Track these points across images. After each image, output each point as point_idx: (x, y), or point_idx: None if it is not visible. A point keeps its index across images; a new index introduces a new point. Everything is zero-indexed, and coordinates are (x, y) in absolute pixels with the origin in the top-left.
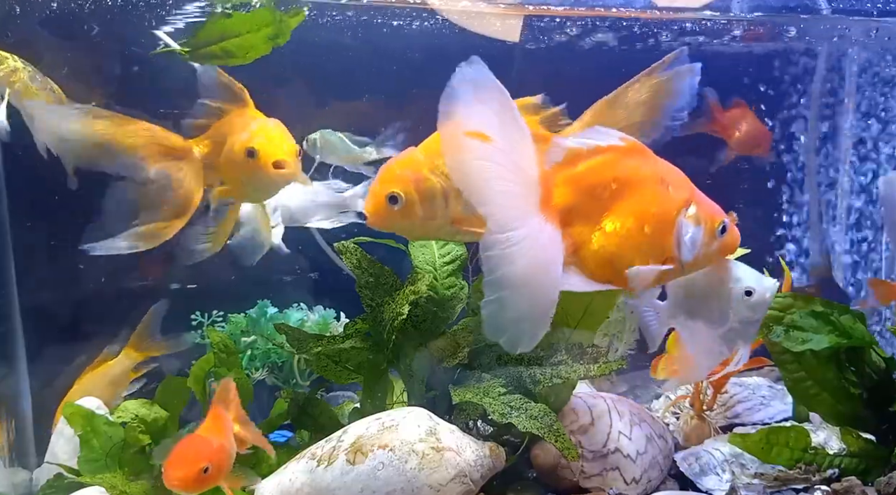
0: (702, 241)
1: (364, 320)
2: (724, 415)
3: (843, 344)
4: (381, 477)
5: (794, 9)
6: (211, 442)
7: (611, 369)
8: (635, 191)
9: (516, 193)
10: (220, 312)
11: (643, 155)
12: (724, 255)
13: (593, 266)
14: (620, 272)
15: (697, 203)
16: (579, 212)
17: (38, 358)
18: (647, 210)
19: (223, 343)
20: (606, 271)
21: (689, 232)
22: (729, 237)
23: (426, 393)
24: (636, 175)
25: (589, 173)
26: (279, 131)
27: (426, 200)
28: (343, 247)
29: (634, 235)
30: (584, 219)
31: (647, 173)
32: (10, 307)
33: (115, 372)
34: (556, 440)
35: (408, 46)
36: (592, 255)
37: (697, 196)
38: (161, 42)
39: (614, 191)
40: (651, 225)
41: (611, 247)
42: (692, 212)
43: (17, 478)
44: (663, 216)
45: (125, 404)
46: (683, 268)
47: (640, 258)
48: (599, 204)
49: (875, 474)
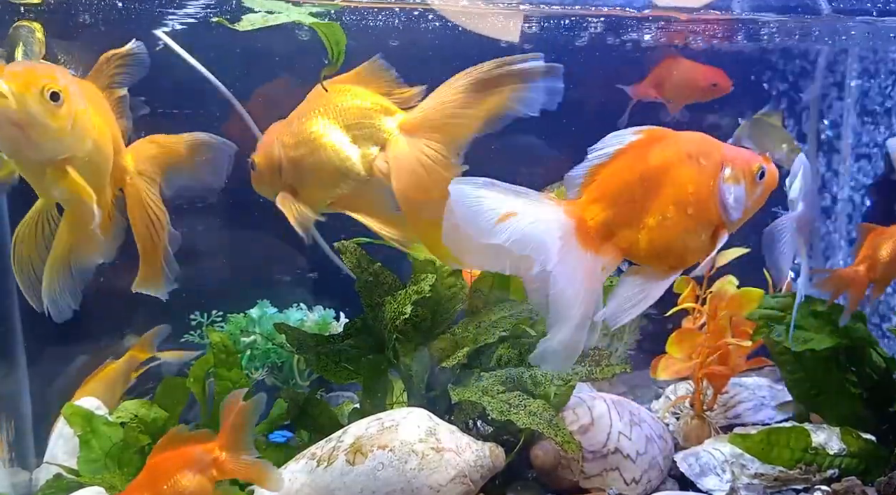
0: (745, 196)
1: (364, 320)
2: (724, 415)
3: (843, 344)
4: (380, 478)
5: (795, 9)
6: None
7: (613, 373)
8: (666, 179)
9: (548, 241)
10: (220, 312)
11: (661, 139)
12: (769, 192)
13: (650, 262)
14: (680, 258)
15: (730, 161)
16: (619, 219)
17: (38, 358)
18: (684, 193)
19: (223, 343)
20: (665, 263)
21: (731, 194)
22: (769, 177)
23: (426, 393)
24: (662, 163)
25: (612, 181)
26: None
27: (265, 168)
28: (343, 247)
29: (681, 220)
30: (626, 224)
31: (672, 156)
32: (10, 307)
33: (120, 371)
34: (556, 434)
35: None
36: (646, 254)
37: (728, 153)
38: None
39: (646, 187)
40: (693, 205)
41: (661, 241)
42: (728, 173)
43: (17, 478)
44: (702, 192)
45: (125, 404)
46: (735, 225)
47: (693, 238)
48: (636, 204)
49: (875, 474)
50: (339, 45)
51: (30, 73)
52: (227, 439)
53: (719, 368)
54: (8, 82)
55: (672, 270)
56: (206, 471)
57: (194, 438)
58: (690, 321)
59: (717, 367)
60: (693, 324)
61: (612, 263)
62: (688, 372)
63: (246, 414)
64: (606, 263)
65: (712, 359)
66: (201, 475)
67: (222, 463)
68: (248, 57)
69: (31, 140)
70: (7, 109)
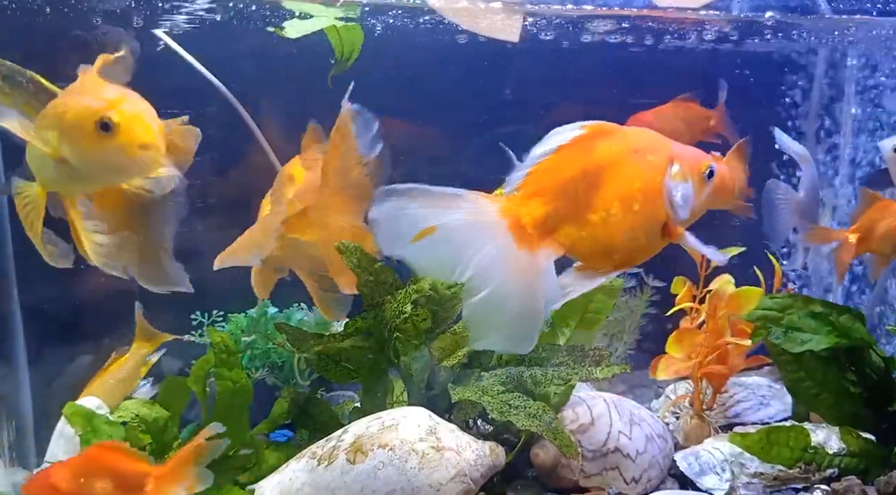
0: (693, 194)
1: (364, 319)
2: (724, 415)
3: (842, 344)
4: (381, 477)
5: (795, 9)
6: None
7: (613, 373)
8: (611, 174)
9: (478, 244)
10: (220, 312)
11: (607, 134)
12: (722, 196)
13: (594, 260)
14: (626, 256)
15: (678, 158)
16: (560, 215)
17: (38, 358)
18: (630, 189)
19: (223, 343)
20: (610, 261)
21: (678, 191)
22: (718, 178)
23: (426, 393)
24: (606, 157)
25: (552, 175)
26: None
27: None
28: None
29: (626, 217)
30: (568, 220)
31: (618, 151)
32: (10, 307)
33: (128, 366)
34: (555, 438)
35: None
36: (591, 251)
37: (676, 151)
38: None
39: (590, 182)
40: (639, 201)
41: (606, 238)
42: (676, 170)
43: (17, 478)
44: (648, 188)
45: (125, 403)
46: (683, 224)
47: (639, 236)
48: (578, 200)
49: (875, 474)
50: (353, 45)
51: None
52: (166, 471)
53: (718, 367)
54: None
55: (616, 269)
56: (127, 492)
57: (136, 457)
58: (688, 321)
59: (716, 367)
60: (691, 324)
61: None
62: (687, 371)
63: (198, 452)
64: (547, 260)
65: (711, 359)
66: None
67: (147, 492)
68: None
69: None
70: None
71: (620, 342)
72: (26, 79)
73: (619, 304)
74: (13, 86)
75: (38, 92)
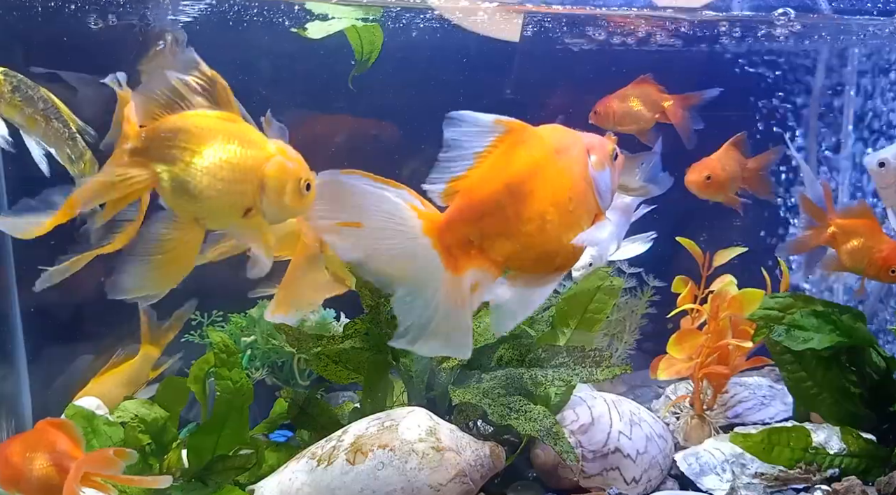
0: (611, 179)
1: (364, 320)
2: (724, 415)
3: (843, 343)
4: (381, 477)
5: (795, 9)
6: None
7: (613, 374)
8: (540, 181)
9: (402, 252)
10: (220, 312)
11: (524, 139)
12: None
13: (534, 268)
14: (568, 256)
15: (592, 148)
16: (490, 232)
17: (38, 358)
18: (562, 191)
19: (223, 343)
20: (552, 265)
21: (602, 180)
22: (620, 157)
23: (426, 394)
24: (530, 167)
25: (476, 193)
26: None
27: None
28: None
29: (563, 219)
30: (499, 235)
31: (540, 155)
32: (10, 307)
33: (135, 369)
34: (556, 443)
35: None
36: (532, 261)
37: (588, 141)
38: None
39: (517, 194)
40: (574, 200)
41: (546, 244)
42: (594, 160)
43: None
44: (578, 185)
45: (125, 404)
46: (606, 210)
47: (577, 233)
48: (506, 216)
49: (875, 474)
50: (373, 45)
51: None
52: (90, 461)
53: (719, 368)
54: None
55: (559, 271)
56: (57, 468)
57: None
58: (688, 321)
59: (717, 367)
60: (691, 324)
61: (487, 280)
62: (688, 372)
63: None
64: (480, 280)
65: (712, 359)
66: (54, 467)
67: (70, 471)
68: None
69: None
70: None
71: (621, 342)
72: (38, 94)
73: (620, 304)
74: (23, 98)
75: (46, 108)
